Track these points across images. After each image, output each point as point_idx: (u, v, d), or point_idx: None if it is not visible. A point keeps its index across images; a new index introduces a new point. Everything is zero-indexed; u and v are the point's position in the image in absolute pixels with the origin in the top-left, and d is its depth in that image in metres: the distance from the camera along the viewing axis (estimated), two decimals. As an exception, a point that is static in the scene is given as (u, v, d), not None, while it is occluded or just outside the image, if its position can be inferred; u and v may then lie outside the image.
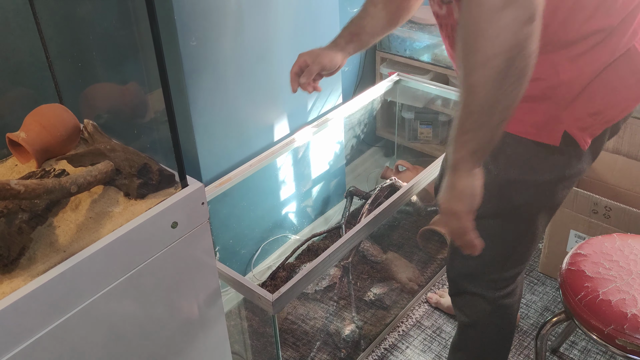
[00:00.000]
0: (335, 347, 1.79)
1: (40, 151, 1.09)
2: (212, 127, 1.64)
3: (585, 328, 1.28)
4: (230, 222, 1.85)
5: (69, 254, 0.90)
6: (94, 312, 0.94)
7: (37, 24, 1.20)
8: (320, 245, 2.05)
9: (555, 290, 1.98)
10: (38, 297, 0.85)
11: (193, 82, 1.52)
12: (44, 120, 1.10)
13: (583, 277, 1.33)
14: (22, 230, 0.91)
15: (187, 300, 1.12)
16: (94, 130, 1.14)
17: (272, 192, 1.99)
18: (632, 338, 1.20)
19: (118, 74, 1.43)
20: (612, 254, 1.38)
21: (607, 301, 1.26)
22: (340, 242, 1.43)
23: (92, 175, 0.98)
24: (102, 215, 0.99)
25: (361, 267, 1.99)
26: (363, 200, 2.11)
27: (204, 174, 1.68)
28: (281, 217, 2.07)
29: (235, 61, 1.62)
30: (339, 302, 1.87)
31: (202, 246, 1.10)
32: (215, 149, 1.68)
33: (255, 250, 2.01)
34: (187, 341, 1.15)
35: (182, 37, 1.44)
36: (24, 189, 0.86)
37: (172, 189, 1.05)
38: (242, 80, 1.67)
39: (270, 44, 1.71)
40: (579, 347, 1.77)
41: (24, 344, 0.85)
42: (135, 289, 1.00)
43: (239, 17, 1.58)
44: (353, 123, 2.44)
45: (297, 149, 2.00)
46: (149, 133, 1.36)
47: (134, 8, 1.23)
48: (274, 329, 1.39)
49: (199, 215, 1.06)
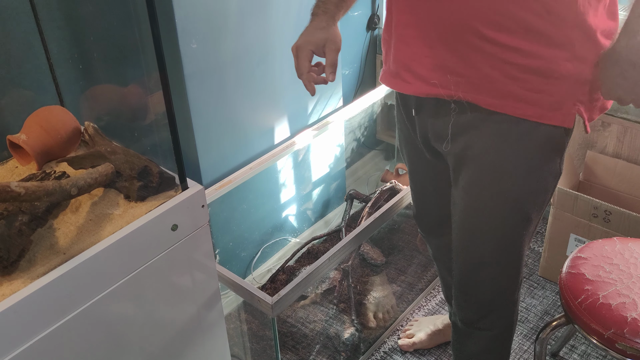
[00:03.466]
0: (334, 350, 1.78)
1: (41, 153, 1.09)
2: (213, 129, 1.64)
3: (585, 332, 1.28)
4: (230, 224, 1.85)
5: (69, 256, 0.90)
6: (93, 315, 0.94)
7: (39, 25, 1.20)
8: (320, 248, 2.05)
9: (555, 294, 1.97)
10: (38, 300, 0.85)
11: (193, 85, 1.52)
12: (44, 123, 1.10)
13: (583, 280, 1.33)
14: (22, 232, 0.91)
15: (186, 303, 1.12)
16: (94, 132, 1.14)
17: (272, 195, 1.99)
18: (632, 342, 1.20)
19: (119, 76, 1.43)
20: (613, 257, 1.37)
21: (607, 305, 1.26)
22: (340, 245, 1.43)
23: (93, 177, 0.98)
24: (102, 218, 0.99)
25: (361, 270, 1.99)
26: (363, 203, 2.11)
27: (204, 177, 1.68)
28: (281, 220, 2.07)
29: (235, 64, 1.63)
30: (338, 305, 1.87)
31: (202, 249, 1.10)
32: (216, 151, 1.68)
33: (255, 253, 2.00)
34: (186, 344, 1.15)
35: (182, 40, 1.44)
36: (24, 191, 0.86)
37: (173, 192, 1.05)
38: (243, 82, 1.67)
39: (271, 47, 1.71)
40: (578, 351, 1.77)
41: (23, 346, 0.85)
42: (135, 291, 1.00)
43: (239, 19, 1.58)
44: (353, 126, 2.44)
45: (298, 152, 2.00)
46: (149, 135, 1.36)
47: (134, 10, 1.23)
48: (274, 332, 1.39)
49: (199, 218, 1.06)
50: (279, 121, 1.87)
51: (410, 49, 1.08)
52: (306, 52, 1.14)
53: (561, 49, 0.99)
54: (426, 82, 1.07)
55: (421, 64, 1.07)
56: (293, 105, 1.89)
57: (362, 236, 1.51)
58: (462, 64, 1.03)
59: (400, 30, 1.08)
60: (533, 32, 0.97)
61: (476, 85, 1.03)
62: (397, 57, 1.12)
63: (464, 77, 1.04)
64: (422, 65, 1.07)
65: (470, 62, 1.02)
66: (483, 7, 0.97)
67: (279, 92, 1.81)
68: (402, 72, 1.11)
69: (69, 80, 1.32)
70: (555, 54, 0.99)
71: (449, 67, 1.04)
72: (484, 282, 1.23)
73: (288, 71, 1.80)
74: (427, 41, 1.04)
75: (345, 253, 1.46)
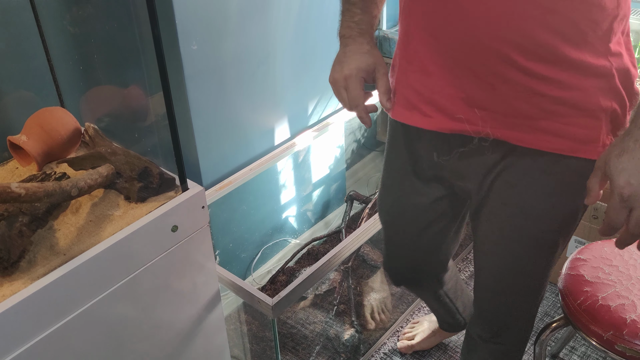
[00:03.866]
0: (334, 352, 1.78)
1: (41, 154, 1.09)
2: (213, 130, 1.64)
3: (585, 333, 1.28)
4: (231, 226, 1.85)
5: (69, 257, 0.90)
6: (93, 316, 0.94)
7: (39, 27, 1.20)
8: (320, 250, 2.05)
9: (555, 296, 1.97)
10: (38, 300, 0.85)
11: (194, 86, 1.52)
12: (45, 124, 1.10)
13: (582, 282, 1.33)
14: (22, 233, 0.91)
15: (186, 304, 1.12)
16: (94, 133, 1.14)
17: (273, 196, 1.99)
18: (631, 344, 1.20)
19: (119, 77, 1.43)
20: (612, 259, 1.38)
21: (606, 306, 1.26)
22: (340, 247, 1.43)
23: (93, 178, 0.98)
24: (103, 219, 0.99)
25: (361, 271, 1.99)
26: (363, 204, 2.11)
27: (205, 178, 1.68)
28: (281, 221, 2.08)
29: (236, 65, 1.63)
30: (338, 306, 1.87)
31: (202, 250, 1.10)
32: (216, 152, 1.68)
33: (255, 254, 2.01)
34: (186, 345, 1.15)
35: (183, 41, 1.44)
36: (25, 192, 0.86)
37: (173, 193, 1.05)
38: (243, 83, 1.67)
39: (271, 48, 1.71)
40: (578, 353, 1.77)
41: (23, 347, 0.85)
42: (135, 292, 1.00)
43: (240, 20, 1.58)
44: (354, 127, 2.44)
45: (298, 153, 2.00)
46: (149, 136, 1.36)
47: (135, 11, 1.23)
48: (274, 333, 1.39)
49: (199, 219, 1.07)
50: (279, 122, 1.87)
51: (432, 80, 0.97)
52: (358, 80, 1.01)
53: (600, 78, 0.91)
54: (450, 117, 0.97)
55: (445, 96, 0.96)
56: (293, 106, 1.89)
57: (362, 237, 1.51)
58: (491, 96, 0.93)
59: (421, 58, 0.97)
60: (566, 60, 0.88)
61: (506, 119, 0.94)
62: (416, 88, 1.00)
63: (493, 112, 0.94)
64: (446, 98, 0.96)
65: (501, 95, 0.92)
66: (515, 31, 0.86)
67: (280, 93, 1.81)
68: (421, 105, 1.00)
69: (69, 81, 1.32)
70: (592, 84, 0.91)
71: (476, 100, 0.94)
72: (508, 306, 1.21)
73: (288, 72, 1.80)
74: (453, 71, 0.94)
75: (345, 254, 1.46)
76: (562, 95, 0.90)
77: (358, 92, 1.01)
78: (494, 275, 1.16)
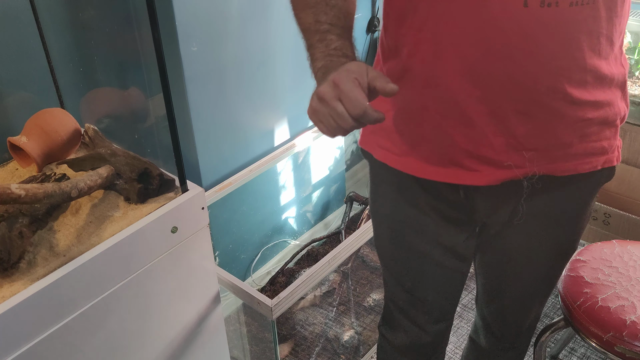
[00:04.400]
0: (334, 353, 1.78)
1: (41, 155, 1.09)
2: (213, 132, 1.64)
3: (584, 335, 1.28)
4: (230, 227, 1.85)
5: (69, 258, 0.90)
6: (93, 317, 0.94)
7: (39, 28, 1.21)
8: (320, 251, 2.05)
9: (555, 297, 1.97)
10: (38, 301, 0.85)
11: (194, 87, 1.52)
12: (45, 125, 1.10)
13: (582, 283, 1.33)
14: (22, 234, 0.91)
15: (186, 305, 1.12)
16: (94, 134, 1.14)
17: (272, 197, 1.99)
18: (631, 345, 1.20)
19: (119, 78, 1.43)
20: (612, 260, 1.38)
21: (606, 308, 1.26)
22: (340, 248, 1.43)
23: (93, 179, 0.98)
24: (103, 220, 0.99)
25: (361, 272, 1.99)
26: (363, 205, 2.11)
27: (204, 179, 1.68)
28: (281, 222, 2.08)
29: (236, 66, 1.63)
30: (338, 307, 1.87)
31: (202, 251, 1.10)
32: (216, 153, 1.68)
33: (255, 255, 2.01)
34: (186, 346, 1.15)
35: (183, 42, 1.45)
36: (25, 193, 0.86)
37: (172, 194, 1.05)
38: (243, 85, 1.67)
39: (271, 50, 1.72)
40: (578, 354, 1.77)
41: (23, 348, 0.85)
42: (135, 293, 1.00)
43: (240, 22, 1.59)
44: (353, 128, 2.44)
45: (297, 154, 2.00)
46: (149, 138, 1.36)
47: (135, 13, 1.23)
48: (273, 334, 1.39)
49: (198, 220, 1.07)
50: (279, 123, 1.87)
51: (476, 130, 0.88)
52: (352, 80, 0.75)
53: (619, 87, 0.91)
54: (498, 167, 0.90)
55: (491, 145, 0.89)
56: (293, 107, 1.89)
57: (362, 239, 1.51)
58: (542, 134, 0.88)
59: (462, 108, 0.87)
60: (601, 77, 0.86)
61: (549, 153, 0.90)
62: (453, 142, 0.91)
63: (542, 150, 0.90)
64: (492, 147, 0.89)
65: (551, 132, 0.88)
66: (570, 61, 0.82)
67: (279, 95, 1.81)
68: (462, 160, 0.92)
69: (69, 82, 1.32)
70: (615, 94, 0.90)
71: (526, 143, 0.88)
72: (531, 312, 1.22)
73: (288, 74, 1.80)
74: (499, 117, 0.86)
75: (345, 255, 1.46)
76: (597, 115, 0.89)
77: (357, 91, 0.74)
78: (526, 287, 1.16)
